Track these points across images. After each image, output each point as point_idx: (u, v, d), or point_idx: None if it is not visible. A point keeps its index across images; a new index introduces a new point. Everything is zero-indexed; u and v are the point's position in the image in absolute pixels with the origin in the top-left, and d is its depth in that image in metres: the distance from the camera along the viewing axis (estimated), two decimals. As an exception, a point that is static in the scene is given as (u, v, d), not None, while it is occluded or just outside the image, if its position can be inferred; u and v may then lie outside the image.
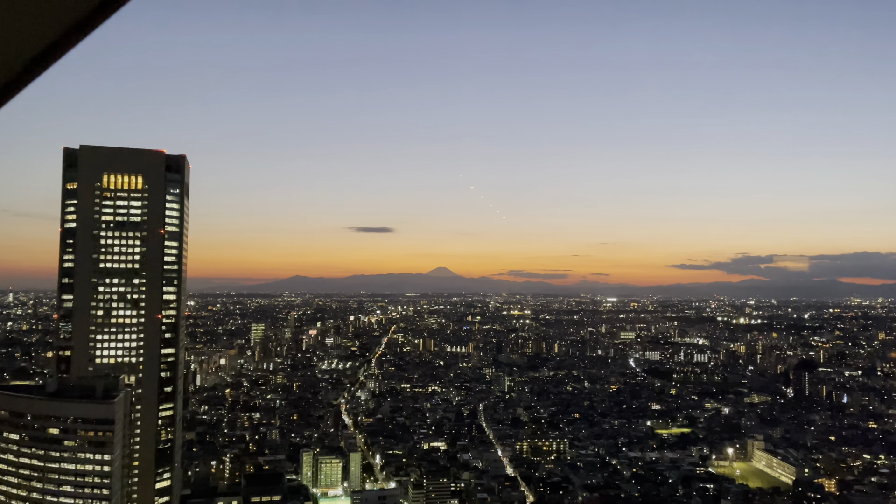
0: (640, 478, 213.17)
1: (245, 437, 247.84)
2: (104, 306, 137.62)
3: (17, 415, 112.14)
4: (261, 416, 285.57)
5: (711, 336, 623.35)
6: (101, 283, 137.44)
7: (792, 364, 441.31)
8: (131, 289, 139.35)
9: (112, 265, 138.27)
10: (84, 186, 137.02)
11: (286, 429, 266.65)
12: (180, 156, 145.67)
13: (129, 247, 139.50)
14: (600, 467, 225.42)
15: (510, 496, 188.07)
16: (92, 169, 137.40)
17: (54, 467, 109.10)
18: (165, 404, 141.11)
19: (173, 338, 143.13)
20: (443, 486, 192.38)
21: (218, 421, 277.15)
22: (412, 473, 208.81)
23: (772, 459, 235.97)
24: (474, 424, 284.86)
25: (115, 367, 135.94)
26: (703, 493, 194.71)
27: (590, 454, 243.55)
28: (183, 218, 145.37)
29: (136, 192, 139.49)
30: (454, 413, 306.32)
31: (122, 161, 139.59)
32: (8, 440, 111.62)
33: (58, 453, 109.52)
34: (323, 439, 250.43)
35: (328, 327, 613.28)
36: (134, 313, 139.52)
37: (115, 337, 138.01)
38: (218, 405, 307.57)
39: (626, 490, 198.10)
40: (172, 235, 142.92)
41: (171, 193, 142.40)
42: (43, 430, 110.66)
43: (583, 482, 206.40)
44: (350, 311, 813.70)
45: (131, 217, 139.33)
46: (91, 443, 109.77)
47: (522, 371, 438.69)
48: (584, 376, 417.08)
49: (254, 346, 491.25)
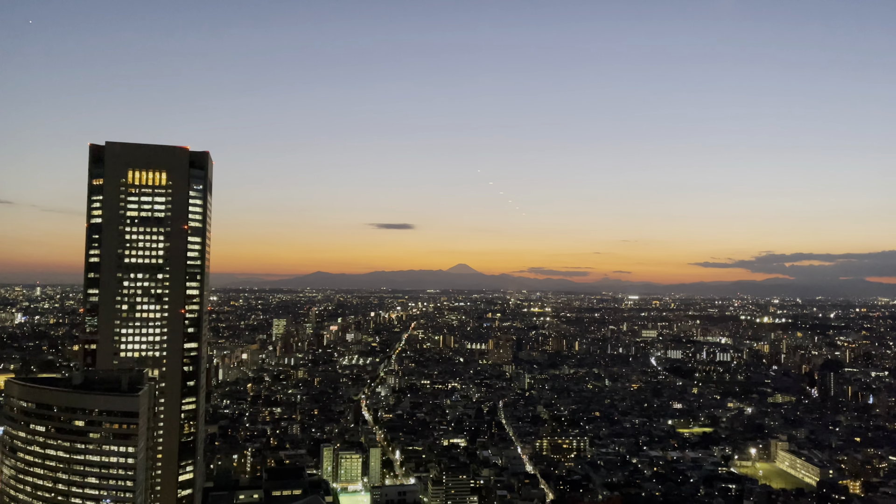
0: (661, 477, 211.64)
1: (266, 432, 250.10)
2: (129, 301, 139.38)
3: (44, 407, 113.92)
4: (282, 411, 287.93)
5: (734, 335, 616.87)
6: (126, 277, 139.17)
7: (817, 364, 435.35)
8: (155, 284, 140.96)
9: (136, 260, 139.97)
10: (110, 182, 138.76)
11: (307, 423, 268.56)
12: (203, 152, 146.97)
13: (153, 242, 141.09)
14: (621, 466, 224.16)
15: (530, 493, 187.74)
16: (117, 165, 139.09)
17: (80, 459, 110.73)
18: (188, 398, 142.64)
19: (196, 332, 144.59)
20: (462, 483, 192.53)
21: (240, 415, 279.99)
22: (432, 469, 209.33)
23: (795, 460, 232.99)
24: (494, 421, 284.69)
25: (139, 360, 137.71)
26: (725, 493, 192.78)
27: (610, 453, 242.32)
28: (206, 214, 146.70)
29: (160, 188, 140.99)
30: (474, 410, 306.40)
31: (147, 157, 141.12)
32: (35, 432, 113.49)
33: (83, 445, 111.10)
34: (343, 434, 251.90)
35: (349, 323, 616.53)
36: (158, 308, 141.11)
37: (139, 331, 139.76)
38: (240, 399, 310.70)
39: (647, 489, 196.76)
40: (195, 231, 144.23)
41: (194, 189, 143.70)
42: (69, 422, 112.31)
43: (603, 480, 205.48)
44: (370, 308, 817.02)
45: (155, 213, 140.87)
46: (116, 435, 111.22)
47: (543, 369, 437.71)
48: (605, 374, 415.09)
49: (275, 342, 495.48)
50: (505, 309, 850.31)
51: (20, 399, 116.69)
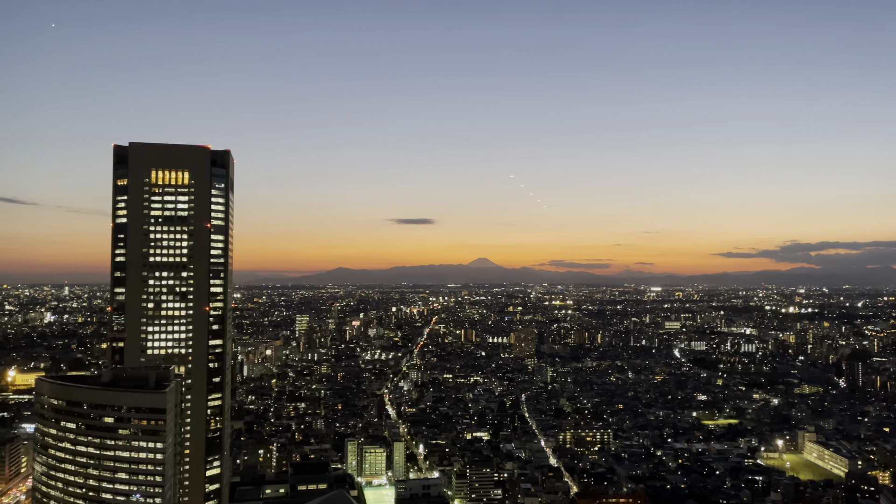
0: (686, 469, 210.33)
1: (291, 427, 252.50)
2: (154, 299, 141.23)
3: (74, 404, 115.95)
4: (306, 406, 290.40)
5: (759, 325, 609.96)
6: (151, 276, 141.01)
7: (844, 354, 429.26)
8: (180, 282, 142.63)
9: (161, 259, 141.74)
10: (133, 182, 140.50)
11: (331, 418, 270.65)
12: (225, 151, 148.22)
13: (177, 241, 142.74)
14: (645, 458, 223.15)
15: (554, 486, 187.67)
16: (141, 165, 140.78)
17: (109, 455, 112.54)
18: (214, 394, 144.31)
19: (221, 329, 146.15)
20: (486, 476, 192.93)
21: (265, 411, 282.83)
22: (455, 463, 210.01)
23: (823, 451, 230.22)
24: (517, 415, 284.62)
25: (165, 357, 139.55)
26: (751, 485, 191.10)
27: (634, 445, 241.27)
28: (228, 212, 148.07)
29: (183, 188, 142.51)
30: (497, 403, 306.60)
31: (170, 157, 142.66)
32: (65, 429, 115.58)
33: (113, 441, 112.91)
34: (367, 429, 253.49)
35: (371, 318, 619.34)
36: (182, 306, 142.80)
37: (164, 329, 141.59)
38: (265, 395, 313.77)
39: (672, 481, 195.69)
40: (218, 229, 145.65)
41: (216, 188, 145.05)
42: (98, 419, 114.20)
43: (627, 473, 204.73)
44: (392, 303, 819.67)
45: (179, 212, 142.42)
46: (144, 431, 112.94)
47: (565, 362, 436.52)
48: (628, 367, 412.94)
49: (299, 337, 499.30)
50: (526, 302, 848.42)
51: (51, 397, 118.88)
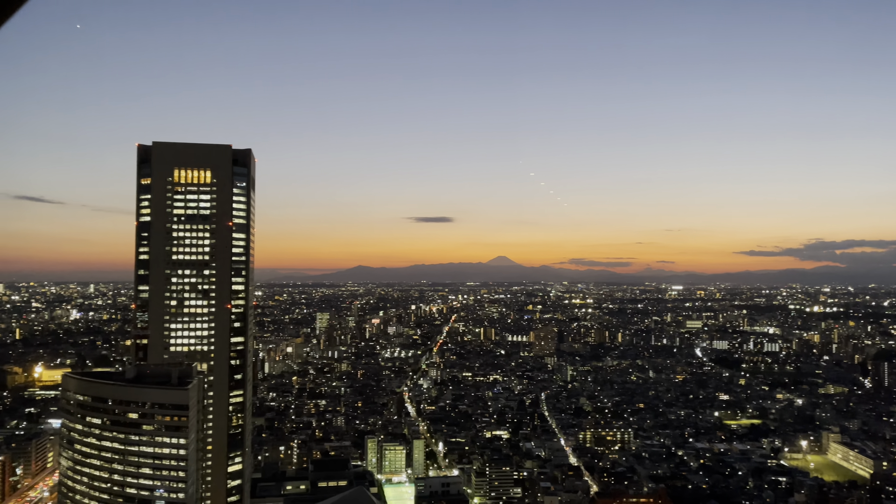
0: (708, 469, 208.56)
1: (312, 424, 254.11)
2: (177, 297, 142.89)
3: (99, 400, 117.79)
4: (326, 403, 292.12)
5: (783, 325, 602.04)
6: (174, 274, 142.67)
7: (870, 354, 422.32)
8: (202, 279, 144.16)
9: (184, 257, 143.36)
10: (157, 182, 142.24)
11: (351, 416, 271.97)
12: (246, 150, 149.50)
13: (200, 239, 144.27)
14: (666, 458, 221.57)
15: (574, 486, 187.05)
16: (164, 165, 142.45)
17: (134, 450, 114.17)
18: (236, 391, 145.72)
19: (242, 327, 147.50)
20: (505, 475, 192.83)
21: (286, 407, 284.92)
22: (475, 461, 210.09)
23: (848, 452, 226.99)
24: (536, 413, 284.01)
25: (188, 354, 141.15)
26: (774, 486, 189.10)
27: (655, 445, 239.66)
28: (249, 210, 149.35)
29: (205, 186, 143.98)
30: (516, 402, 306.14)
31: (192, 156, 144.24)
32: (91, 424, 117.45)
33: (137, 437, 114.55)
34: (387, 426, 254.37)
35: (390, 316, 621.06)
36: (205, 303, 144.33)
37: (187, 326, 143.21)
38: (285, 392, 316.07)
39: (693, 481, 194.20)
40: (240, 227, 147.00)
41: (237, 187, 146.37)
42: (123, 415, 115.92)
43: (648, 473, 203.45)
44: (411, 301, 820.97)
45: (201, 210, 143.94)
46: (168, 427, 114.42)
47: (585, 360, 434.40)
48: (649, 366, 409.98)
49: (319, 335, 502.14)
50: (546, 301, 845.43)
51: (77, 393, 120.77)
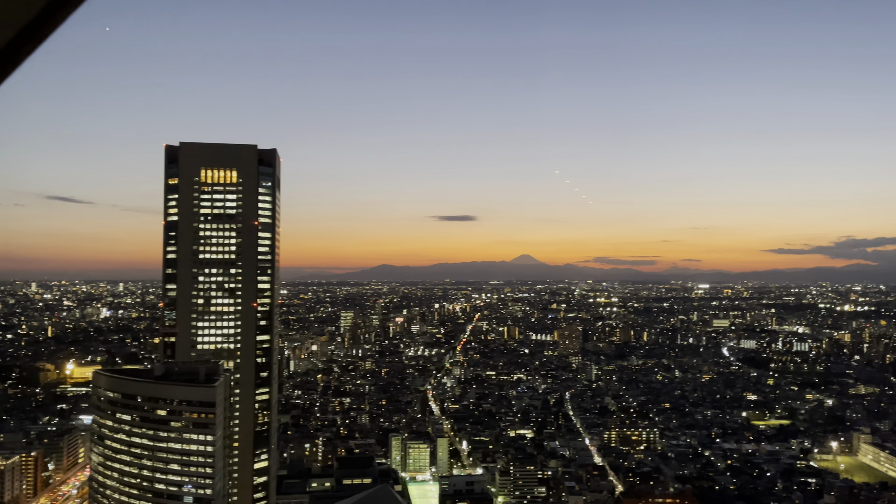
0: (735, 470, 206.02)
1: (336, 421, 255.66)
2: (204, 295, 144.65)
3: (129, 397, 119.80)
4: (351, 401, 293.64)
5: (812, 324, 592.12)
6: (201, 272, 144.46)
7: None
8: (228, 278, 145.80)
9: (210, 256, 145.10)
10: (184, 181, 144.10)
11: (375, 413, 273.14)
12: (271, 150, 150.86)
13: (226, 238, 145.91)
14: (693, 459, 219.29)
15: (599, 485, 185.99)
16: (191, 165, 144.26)
17: (162, 446, 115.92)
18: (262, 389, 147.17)
19: (268, 325, 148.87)
20: (530, 474, 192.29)
21: (311, 405, 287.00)
22: (499, 460, 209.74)
23: (879, 453, 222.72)
24: (561, 413, 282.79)
25: (215, 352, 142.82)
26: (804, 487, 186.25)
27: (682, 445, 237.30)
28: (275, 209, 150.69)
29: (231, 186, 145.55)
30: (540, 401, 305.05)
31: (218, 156, 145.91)
32: (121, 420, 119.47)
33: (165, 433, 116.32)
34: (411, 424, 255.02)
35: (414, 315, 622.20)
36: (231, 301, 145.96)
37: (214, 324, 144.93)
38: (310, 390, 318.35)
39: (720, 482, 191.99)
40: (265, 227, 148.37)
41: (263, 186, 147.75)
42: (152, 412, 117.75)
43: (674, 473, 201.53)
44: (435, 299, 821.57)
45: (227, 210, 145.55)
46: (195, 424, 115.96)
47: (610, 360, 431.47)
48: (675, 365, 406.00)
49: (343, 333, 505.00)
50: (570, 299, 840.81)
51: (107, 390, 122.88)
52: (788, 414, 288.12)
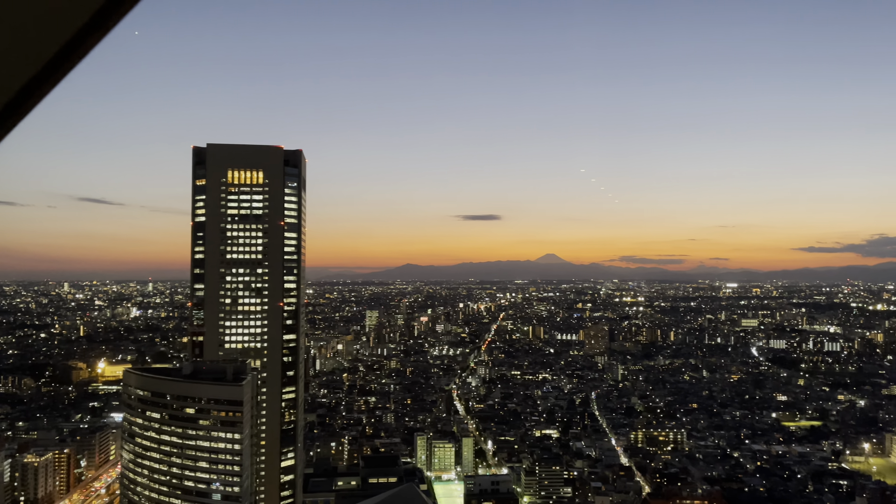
0: (765, 472, 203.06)
1: (362, 420, 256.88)
2: (231, 295, 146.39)
3: (158, 395, 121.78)
4: (376, 400, 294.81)
5: (844, 323, 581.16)
6: (228, 272, 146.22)
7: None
8: (255, 278, 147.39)
9: (237, 256, 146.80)
10: (211, 182, 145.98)
11: (400, 413, 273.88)
12: (297, 150, 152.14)
13: (252, 238, 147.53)
14: (721, 460, 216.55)
15: (625, 486, 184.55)
16: (218, 166, 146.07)
17: (191, 444, 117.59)
18: (288, 387, 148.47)
19: (294, 324, 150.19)
20: (555, 474, 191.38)
21: (336, 404, 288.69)
22: (524, 460, 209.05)
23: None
24: (587, 413, 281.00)
25: (242, 351, 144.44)
26: (835, 489, 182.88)
27: (710, 446, 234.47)
28: (301, 210, 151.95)
29: (258, 187, 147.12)
30: (566, 401, 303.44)
31: (245, 157, 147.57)
32: (151, 418, 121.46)
33: (194, 431, 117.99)
34: (436, 424, 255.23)
35: (438, 314, 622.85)
36: (258, 301, 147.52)
37: (241, 323, 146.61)
38: (336, 389, 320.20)
39: (750, 484, 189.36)
40: (291, 227, 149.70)
41: (289, 187, 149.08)
42: (181, 410, 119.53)
43: (702, 474, 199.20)
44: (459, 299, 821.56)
45: (254, 210, 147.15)
46: (223, 422, 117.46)
47: (636, 359, 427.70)
48: (703, 365, 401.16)
49: (368, 333, 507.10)
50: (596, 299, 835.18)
51: (137, 388, 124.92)
52: (819, 415, 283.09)
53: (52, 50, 3.91)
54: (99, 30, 3.83)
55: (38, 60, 3.90)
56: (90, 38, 3.79)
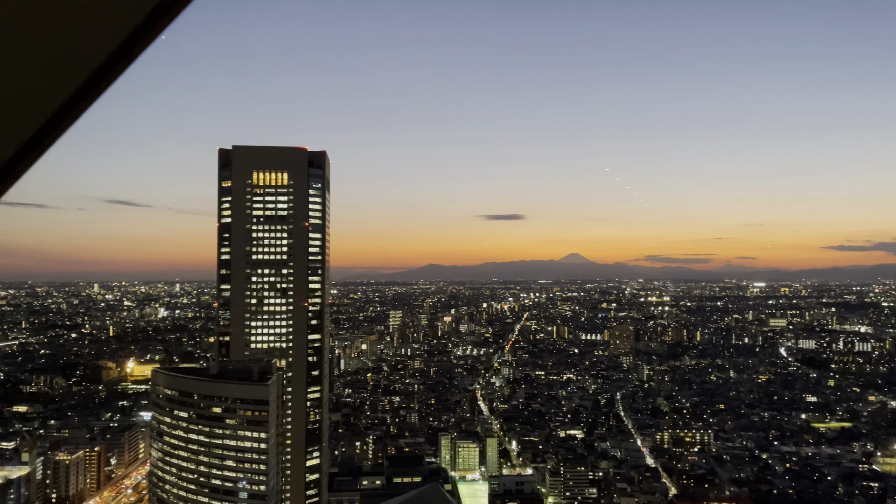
0: (794, 474, 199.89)
1: (386, 420, 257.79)
2: (257, 295, 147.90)
3: (185, 394, 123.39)
4: (400, 400, 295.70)
5: (875, 323, 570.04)
6: (254, 273, 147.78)
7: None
8: (280, 278, 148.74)
9: (263, 256, 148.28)
10: (237, 184, 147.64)
11: (424, 413, 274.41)
12: (321, 152, 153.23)
13: (277, 239, 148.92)
14: (749, 461, 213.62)
15: (651, 487, 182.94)
16: (243, 167, 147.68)
17: (218, 443, 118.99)
18: (313, 387, 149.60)
19: (319, 324, 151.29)
20: (580, 475, 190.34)
21: (361, 404, 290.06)
22: (549, 460, 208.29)
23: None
24: (612, 413, 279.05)
25: (267, 351, 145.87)
26: (866, 491, 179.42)
27: (737, 447, 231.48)
28: (325, 210, 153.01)
29: (283, 188, 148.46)
30: (590, 401, 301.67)
31: (270, 159, 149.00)
32: (178, 417, 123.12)
33: (220, 430, 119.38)
34: (460, 424, 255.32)
35: (462, 314, 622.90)
36: (283, 301, 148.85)
37: (266, 323, 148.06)
38: (360, 389, 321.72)
39: (779, 486, 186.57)
40: (316, 227, 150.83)
41: (313, 188, 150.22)
42: (208, 409, 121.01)
43: (730, 476, 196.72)
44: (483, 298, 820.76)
45: (279, 211, 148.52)
46: (249, 421, 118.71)
47: (662, 360, 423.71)
48: (730, 365, 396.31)
49: (392, 332, 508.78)
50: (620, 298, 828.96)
51: (165, 387, 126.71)
52: (850, 416, 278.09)
53: (100, 58, 3.96)
54: (147, 34, 3.93)
55: (86, 68, 3.94)
56: (137, 44, 3.89)
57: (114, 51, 3.98)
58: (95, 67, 4.02)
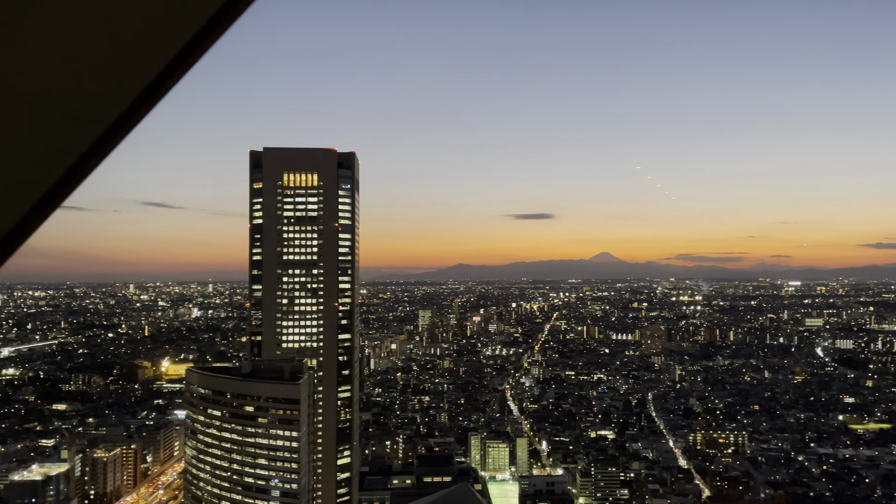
0: (831, 476, 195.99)
1: (416, 419, 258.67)
2: (288, 295, 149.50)
3: (219, 393, 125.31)
4: (430, 400, 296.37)
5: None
6: (285, 273, 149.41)
7: None
8: (310, 279, 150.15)
9: (294, 257, 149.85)
10: (268, 185, 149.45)
11: (454, 412, 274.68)
12: (350, 153, 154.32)
13: (308, 240, 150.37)
14: (785, 463, 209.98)
15: (684, 489, 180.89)
16: (274, 169, 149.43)
17: (251, 441, 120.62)
18: (343, 386, 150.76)
19: (349, 324, 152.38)
20: (611, 476, 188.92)
21: (391, 403, 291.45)
22: (579, 461, 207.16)
23: None
24: (643, 414, 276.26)
25: (298, 351, 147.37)
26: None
27: (772, 449, 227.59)
28: (354, 211, 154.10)
29: (313, 189, 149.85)
30: (621, 402, 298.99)
31: (300, 160, 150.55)
32: (212, 416, 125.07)
33: (253, 429, 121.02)
34: (490, 423, 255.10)
35: (491, 314, 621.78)
36: (313, 301, 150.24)
37: (297, 323, 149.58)
38: (390, 388, 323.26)
39: (815, 488, 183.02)
40: (345, 228, 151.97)
41: (343, 189, 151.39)
42: (240, 408, 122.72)
43: (765, 478, 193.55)
44: (512, 298, 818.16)
45: (309, 212, 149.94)
46: (281, 420, 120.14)
47: (694, 360, 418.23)
48: (764, 366, 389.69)
49: (422, 332, 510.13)
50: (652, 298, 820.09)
51: (199, 386, 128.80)
52: (889, 417, 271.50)
53: (162, 64, 3.97)
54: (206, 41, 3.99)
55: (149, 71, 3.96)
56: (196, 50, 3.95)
57: (162, 69, 3.98)
58: (148, 83, 4.03)
